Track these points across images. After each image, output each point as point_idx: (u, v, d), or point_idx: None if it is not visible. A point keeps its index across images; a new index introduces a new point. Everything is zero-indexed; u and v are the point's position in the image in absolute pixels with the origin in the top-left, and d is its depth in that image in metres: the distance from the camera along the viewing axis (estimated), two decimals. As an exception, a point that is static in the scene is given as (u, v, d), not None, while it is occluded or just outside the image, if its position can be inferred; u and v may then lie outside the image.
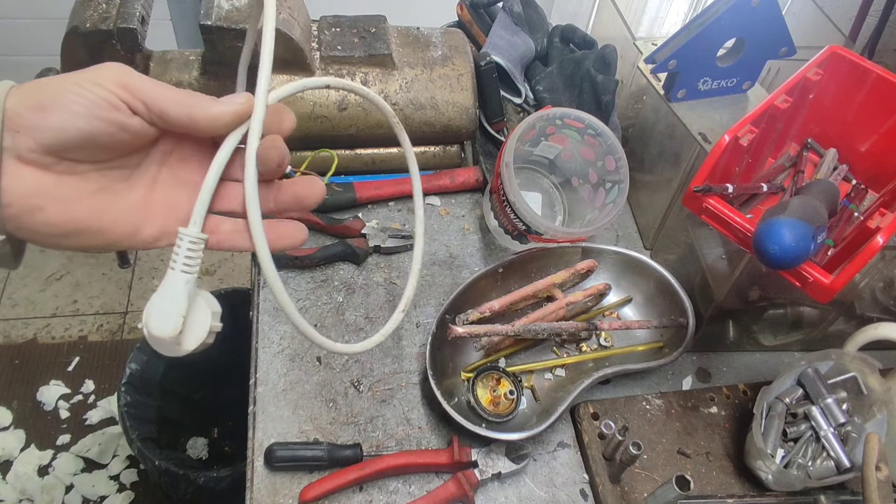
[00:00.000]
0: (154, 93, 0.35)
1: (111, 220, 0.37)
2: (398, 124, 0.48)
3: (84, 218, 0.36)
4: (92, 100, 0.34)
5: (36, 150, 0.33)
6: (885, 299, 0.72)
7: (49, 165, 0.34)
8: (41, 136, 0.33)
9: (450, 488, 0.60)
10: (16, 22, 1.67)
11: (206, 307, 0.39)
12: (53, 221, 0.35)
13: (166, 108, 0.36)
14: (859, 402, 0.63)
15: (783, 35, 0.75)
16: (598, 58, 0.88)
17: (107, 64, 0.36)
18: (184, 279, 0.37)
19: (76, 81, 0.34)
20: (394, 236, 0.80)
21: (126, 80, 0.35)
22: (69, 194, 0.35)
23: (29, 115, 0.33)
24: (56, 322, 1.75)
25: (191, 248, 0.37)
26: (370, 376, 0.69)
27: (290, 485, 0.61)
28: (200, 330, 0.39)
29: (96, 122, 0.34)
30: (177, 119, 0.36)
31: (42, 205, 0.34)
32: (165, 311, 0.37)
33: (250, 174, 0.37)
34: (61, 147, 0.34)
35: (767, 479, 0.63)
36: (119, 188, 0.37)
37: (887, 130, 0.71)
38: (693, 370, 0.75)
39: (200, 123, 0.36)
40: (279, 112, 0.40)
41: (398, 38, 0.84)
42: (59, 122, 0.33)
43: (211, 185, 0.38)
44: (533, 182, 0.87)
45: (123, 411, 1.18)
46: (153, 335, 0.37)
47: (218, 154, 0.37)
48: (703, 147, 0.73)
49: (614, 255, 0.76)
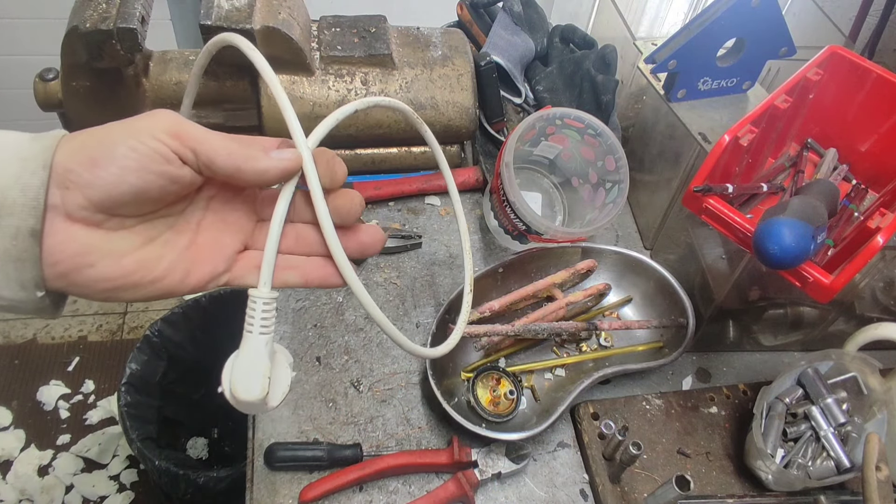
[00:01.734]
0: (204, 140, 0.34)
1: (162, 271, 0.36)
2: (427, 132, 0.48)
3: (135, 271, 0.35)
4: (144, 152, 0.33)
5: (87, 207, 0.32)
6: (885, 299, 0.72)
7: (99, 223, 0.33)
8: (92, 193, 0.32)
9: (450, 488, 0.60)
10: (16, 22, 1.67)
11: (284, 361, 0.39)
12: (105, 277, 0.34)
13: (214, 157, 0.34)
14: (859, 402, 0.63)
15: (783, 35, 0.75)
16: (598, 58, 0.88)
17: (157, 112, 0.35)
18: (263, 341, 0.37)
19: (127, 133, 0.33)
20: (394, 236, 0.80)
21: (177, 128, 0.34)
22: (119, 249, 0.34)
23: (80, 170, 0.32)
24: (56, 322, 1.75)
25: (265, 310, 0.37)
26: (370, 376, 0.69)
27: (290, 485, 0.61)
28: (283, 385, 0.39)
29: (149, 176, 0.33)
30: (223, 170, 0.35)
31: (92, 262, 0.33)
32: (250, 374, 0.36)
33: (325, 222, 0.37)
34: (112, 204, 0.33)
35: (767, 479, 0.63)
36: (167, 237, 0.37)
37: (887, 130, 0.71)
38: (693, 370, 0.75)
39: (247, 176, 0.36)
40: (330, 164, 0.38)
41: (398, 38, 0.84)
42: (112, 177, 0.32)
43: (274, 245, 0.37)
44: (533, 182, 0.87)
45: (123, 411, 1.18)
46: (241, 400, 0.36)
47: (276, 212, 0.37)
48: (703, 147, 0.73)
49: (614, 255, 0.76)
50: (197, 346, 1.35)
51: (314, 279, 0.40)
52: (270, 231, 0.37)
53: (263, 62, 0.38)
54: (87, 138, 0.33)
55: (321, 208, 0.37)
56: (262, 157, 0.36)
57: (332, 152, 0.39)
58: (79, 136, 0.33)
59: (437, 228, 0.84)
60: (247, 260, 0.40)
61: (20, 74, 1.74)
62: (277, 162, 0.36)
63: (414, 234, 0.81)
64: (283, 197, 0.37)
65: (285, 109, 0.37)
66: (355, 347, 0.71)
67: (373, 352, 0.71)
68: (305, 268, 0.40)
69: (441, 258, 0.81)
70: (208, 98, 0.78)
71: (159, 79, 0.76)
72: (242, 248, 0.40)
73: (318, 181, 0.37)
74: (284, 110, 0.37)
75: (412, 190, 0.85)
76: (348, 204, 0.39)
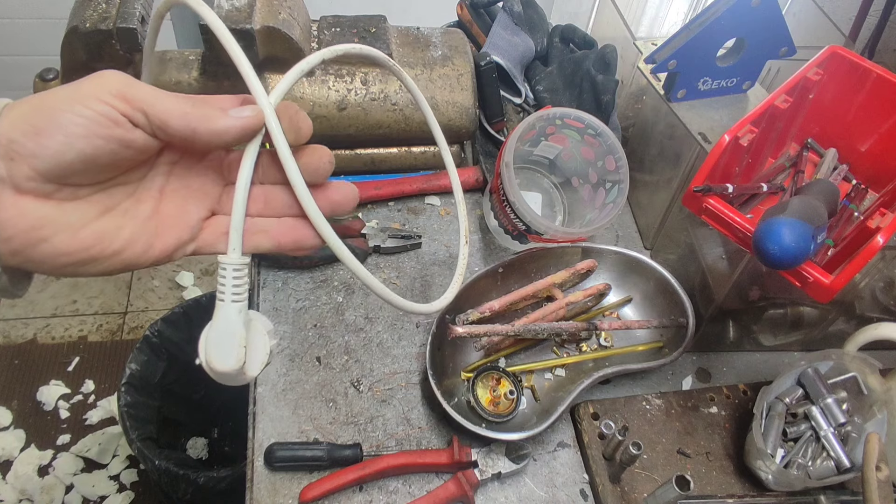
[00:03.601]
0: (155, 102, 0.32)
1: (123, 241, 0.34)
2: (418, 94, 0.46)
3: (93, 244, 0.33)
4: (90, 117, 0.31)
5: (34, 178, 0.31)
6: (885, 299, 0.72)
7: (50, 193, 0.32)
8: (38, 163, 0.30)
9: (450, 488, 0.60)
10: (16, 22, 1.67)
11: (261, 328, 0.38)
12: (62, 251, 0.32)
13: (168, 119, 0.33)
14: (859, 402, 0.63)
15: (783, 35, 0.75)
16: (598, 58, 0.88)
17: (103, 73, 0.33)
18: (236, 308, 0.36)
19: (71, 97, 0.31)
20: (394, 236, 0.80)
21: (124, 89, 0.32)
22: (74, 221, 0.33)
23: (24, 140, 0.30)
24: (56, 322, 1.75)
25: (236, 276, 0.36)
26: (370, 376, 0.69)
27: (290, 485, 0.61)
28: (261, 354, 0.37)
29: (97, 142, 0.31)
30: (178, 132, 0.33)
31: (46, 235, 0.32)
32: (225, 344, 0.36)
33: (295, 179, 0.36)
34: (61, 172, 0.31)
35: (767, 479, 0.63)
36: (126, 206, 0.35)
37: (887, 130, 0.71)
38: (693, 370, 0.75)
39: (204, 137, 0.34)
40: (294, 119, 0.36)
41: (398, 38, 0.84)
42: (57, 145, 0.30)
43: (241, 208, 0.36)
44: (533, 182, 0.87)
45: (123, 411, 1.18)
46: (217, 370, 0.35)
47: (241, 174, 0.35)
48: (703, 147, 0.73)
49: (614, 255, 0.76)
50: (197, 346, 1.35)
51: (287, 242, 0.38)
52: (236, 194, 0.35)
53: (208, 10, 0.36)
54: (28, 107, 0.31)
55: (290, 165, 0.36)
56: (220, 116, 0.34)
57: (296, 106, 0.37)
58: (21, 104, 0.31)
59: (437, 228, 0.84)
60: (214, 227, 0.38)
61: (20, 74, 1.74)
62: (235, 121, 0.34)
63: (414, 234, 0.81)
64: (248, 157, 0.35)
65: (238, 60, 0.35)
66: (355, 347, 0.71)
67: (373, 352, 0.71)
68: (276, 230, 0.38)
69: (441, 258, 0.81)
70: (208, 98, 0.78)
71: (159, 79, 0.76)
72: (209, 215, 0.38)
73: (283, 138, 0.35)
74: (237, 61, 0.35)
75: (412, 190, 0.85)
76: (316, 161, 0.37)
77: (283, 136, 0.36)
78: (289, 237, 0.38)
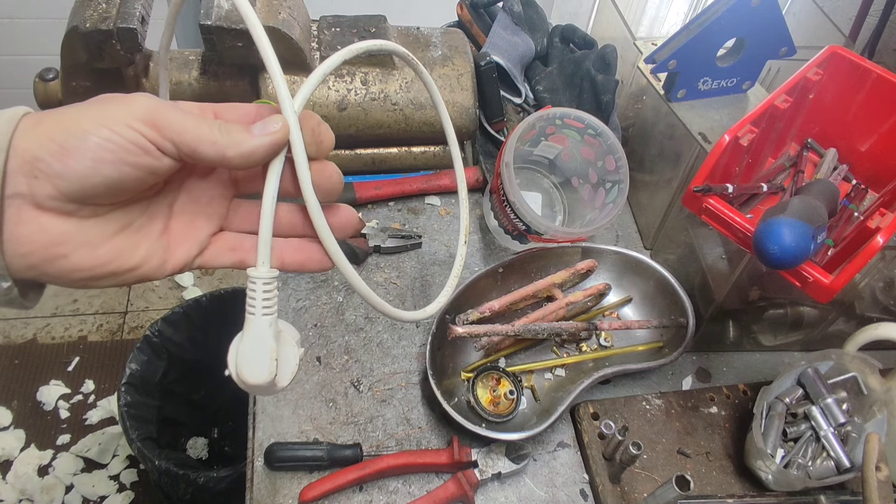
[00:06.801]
0: (184, 130, 0.32)
1: (140, 258, 0.35)
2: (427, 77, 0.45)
3: (111, 260, 0.33)
4: (120, 144, 0.30)
5: (57, 197, 0.30)
6: (885, 299, 0.72)
7: (71, 212, 0.31)
8: (64, 185, 0.30)
9: (450, 488, 0.60)
10: (16, 22, 1.67)
11: (290, 339, 0.37)
12: (79, 267, 0.32)
13: (198, 147, 0.32)
14: (859, 402, 0.63)
15: (783, 35, 0.75)
16: (598, 58, 0.88)
17: (134, 97, 0.32)
18: (266, 322, 0.36)
19: (100, 119, 0.30)
20: (394, 236, 0.80)
21: (154, 116, 0.31)
22: (93, 238, 0.33)
23: (51, 160, 0.30)
24: (56, 322, 1.75)
25: (266, 290, 0.35)
26: (370, 376, 0.69)
27: (290, 485, 0.61)
28: (291, 364, 0.37)
29: (125, 168, 0.31)
30: (208, 159, 0.33)
31: (65, 252, 0.32)
32: (256, 357, 0.35)
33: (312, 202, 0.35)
34: (85, 194, 0.31)
35: (767, 479, 0.63)
36: (140, 223, 0.35)
37: (887, 130, 0.71)
38: (693, 370, 0.75)
39: (234, 162, 0.33)
40: (316, 131, 0.36)
41: (398, 38, 0.84)
42: (85, 169, 0.30)
43: (269, 222, 0.35)
44: (533, 182, 0.87)
45: (123, 411, 1.18)
46: (249, 383, 0.35)
47: (267, 188, 0.35)
48: (703, 147, 0.73)
49: (614, 255, 0.76)
50: (197, 346, 1.35)
51: (292, 263, 0.38)
52: (263, 207, 0.35)
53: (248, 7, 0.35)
54: (55, 124, 0.30)
55: (307, 186, 0.35)
56: (248, 138, 0.33)
57: (318, 117, 0.36)
58: (46, 118, 0.31)
59: (437, 228, 0.84)
60: (221, 242, 0.38)
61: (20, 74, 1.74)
62: (263, 139, 0.33)
63: (414, 234, 0.81)
64: (273, 171, 0.35)
65: (270, 64, 0.34)
66: (355, 347, 0.71)
67: (373, 352, 0.71)
68: (282, 250, 0.38)
69: (441, 258, 0.81)
70: (208, 98, 0.77)
71: (159, 79, 0.76)
72: (217, 230, 0.38)
73: (304, 155, 0.34)
74: (269, 65, 0.34)
75: (412, 190, 0.85)
76: (327, 181, 0.36)
77: (305, 151, 0.35)
78: (294, 258, 0.38)
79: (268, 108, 0.36)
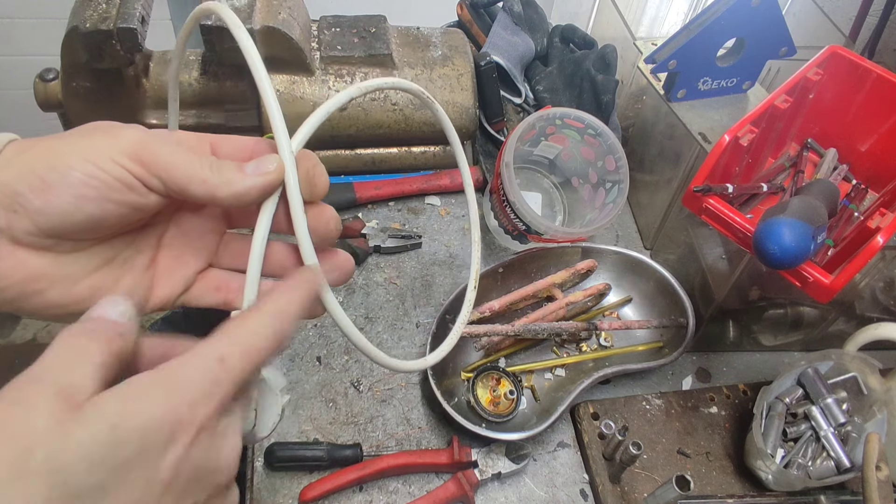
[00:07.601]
0: (173, 166, 0.30)
1: (120, 294, 0.32)
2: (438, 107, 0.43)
3: (89, 297, 0.31)
4: (103, 180, 0.29)
5: (35, 233, 0.29)
6: (885, 299, 0.72)
7: (49, 247, 0.30)
8: (43, 221, 0.29)
9: (450, 488, 0.60)
10: (15, 22, 1.67)
11: (274, 387, 0.36)
12: (56, 304, 0.31)
13: (187, 185, 0.30)
14: (859, 402, 0.63)
15: (783, 35, 0.75)
16: (598, 58, 0.88)
17: (123, 129, 0.30)
18: None
19: (84, 153, 0.29)
20: (394, 236, 0.80)
21: (142, 151, 0.29)
22: (71, 274, 0.31)
23: (31, 196, 0.28)
24: (56, 322, 1.75)
25: None
26: (370, 376, 0.69)
27: (290, 485, 0.61)
28: (272, 414, 0.35)
29: (108, 205, 0.29)
30: (197, 197, 0.31)
31: (42, 288, 0.30)
32: None
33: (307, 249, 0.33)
34: (65, 231, 0.29)
35: (767, 479, 0.63)
36: (126, 255, 0.33)
37: (887, 130, 0.71)
38: (693, 370, 0.75)
39: (225, 202, 0.31)
40: (310, 173, 0.33)
41: (398, 38, 0.84)
42: (66, 205, 0.28)
43: (257, 265, 0.32)
44: (533, 182, 0.87)
45: (123, 411, 1.17)
46: None
47: (257, 231, 0.32)
48: (703, 147, 0.73)
49: (614, 255, 0.77)
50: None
51: None
52: (252, 250, 0.32)
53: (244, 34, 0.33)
54: (37, 157, 0.29)
55: (302, 232, 0.33)
56: (240, 178, 0.31)
57: (315, 157, 0.34)
58: (30, 149, 0.29)
59: (437, 228, 0.84)
60: (207, 280, 0.36)
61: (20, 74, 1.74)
62: (256, 179, 0.31)
63: (414, 234, 0.81)
64: (265, 212, 0.32)
65: (267, 98, 0.32)
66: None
67: (373, 352, 0.71)
68: None
69: (441, 258, 0.81)
70: (208, 98, 0.78)
71: (159, 79, 0.76)
72: (205, 267, 0.36)
73: (299, 198, 0.32)
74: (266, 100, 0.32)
75: (412, 190, 0.85)
76: (323, 226, 0.34)
77: (300, 194, 0.32)
78: None
79: (266, 144, 0.34)
